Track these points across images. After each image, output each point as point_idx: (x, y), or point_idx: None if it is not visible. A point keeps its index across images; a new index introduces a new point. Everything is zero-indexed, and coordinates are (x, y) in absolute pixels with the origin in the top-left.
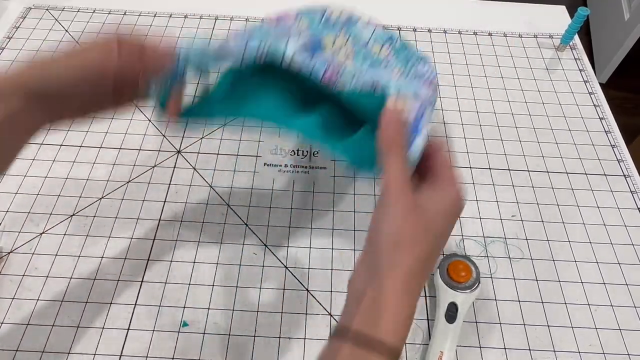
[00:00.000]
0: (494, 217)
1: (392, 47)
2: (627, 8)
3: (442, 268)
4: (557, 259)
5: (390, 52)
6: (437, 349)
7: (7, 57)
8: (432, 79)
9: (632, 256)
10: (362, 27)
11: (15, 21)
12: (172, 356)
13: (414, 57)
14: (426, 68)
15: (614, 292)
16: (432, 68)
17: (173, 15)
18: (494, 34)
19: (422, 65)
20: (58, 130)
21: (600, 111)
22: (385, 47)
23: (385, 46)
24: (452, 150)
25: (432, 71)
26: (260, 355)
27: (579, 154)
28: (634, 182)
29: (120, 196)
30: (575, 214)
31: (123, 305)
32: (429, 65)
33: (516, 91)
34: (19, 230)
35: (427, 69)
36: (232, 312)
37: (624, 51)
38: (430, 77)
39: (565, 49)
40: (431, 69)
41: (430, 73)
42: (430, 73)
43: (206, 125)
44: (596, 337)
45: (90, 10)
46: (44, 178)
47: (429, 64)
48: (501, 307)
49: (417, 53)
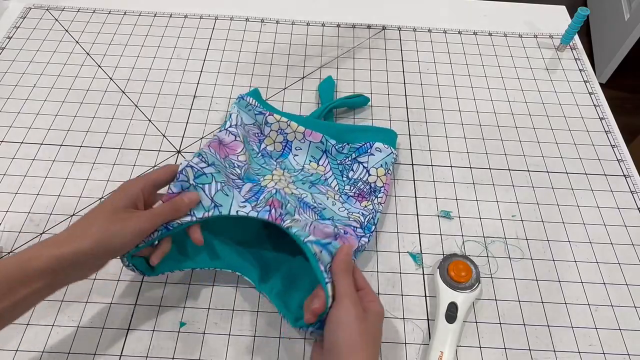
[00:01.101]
0: (494, 217)
1: (328, 159)
2: (627, 8)
3: (442, 268)
4: (557, 259)
5: (327, 165)
6: (437, 349)
7: (7, 57)
8: (367, 181)
9: (632, 256)
10: (294, 153)
11: (15, 21)
12: (172, 356)
13: (351, 158)
14: (365, 166)
15: (614, 292)
16: (381, 155)
17: (173, 15)
18: (494, 34)
19: (361, 168)
20: (58, 130)
21: (600, 111)
22: (322, 160)
23: (321, 160)
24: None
25: (378, 161)
26: (260, 355)
27: (579, 154)
28: (634, 182)
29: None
30: (575, 214)
31: (123, 305)
32: (373, 154)
33: (516, 91)
34: (19, 230)
35: (366, 165)
36: (232, 312)
37: (624, 51)
38: (365, 176)
39: (565, 49)
40: (376, 160)
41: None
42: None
43: (206, 125)
44: (596, 337)
45: (90, 10)
46: (44, 178)
47: (371, 154)
48: (501, 307)
49: (355, 145)
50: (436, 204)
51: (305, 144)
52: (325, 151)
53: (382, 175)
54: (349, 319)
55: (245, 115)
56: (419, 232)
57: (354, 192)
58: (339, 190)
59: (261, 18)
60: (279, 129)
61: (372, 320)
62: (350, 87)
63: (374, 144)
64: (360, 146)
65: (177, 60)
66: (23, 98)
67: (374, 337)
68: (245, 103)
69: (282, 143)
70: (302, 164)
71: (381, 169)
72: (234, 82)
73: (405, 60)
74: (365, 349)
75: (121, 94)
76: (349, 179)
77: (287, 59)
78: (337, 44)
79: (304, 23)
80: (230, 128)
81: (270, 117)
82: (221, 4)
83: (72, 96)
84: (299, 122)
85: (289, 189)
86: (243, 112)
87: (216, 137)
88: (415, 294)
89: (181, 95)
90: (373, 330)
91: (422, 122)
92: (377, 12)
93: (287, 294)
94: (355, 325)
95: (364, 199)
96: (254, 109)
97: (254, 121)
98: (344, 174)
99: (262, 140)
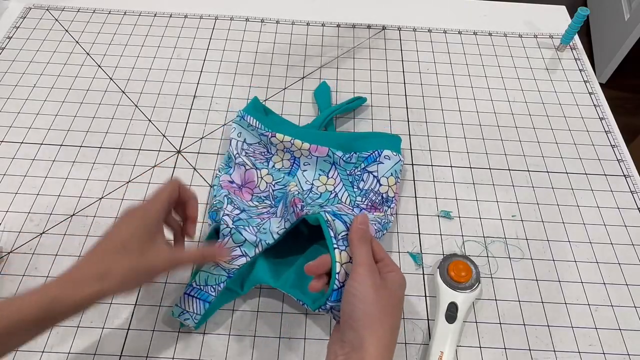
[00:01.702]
0: (494, 217)
1: (337, 171)
2: (627, 8)
3: (442, 268)
4: (557, 259)
5: (337, 177)
6: (437, 349)
7: (7, 57)
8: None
9: (632, 256)
10: (303, 168)
11: (15, 21)
12: (172, 356)
13: (360, 168)
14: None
15: (614, 292)
16: (389, 164)
17: (173, 15)
18: (494, 34)
19: (372, 178)
20: (58, 130)
21: (600, 111)
22: (331, 172)
23: (331, 172)
24: (451, 151)
25: (387, 170)
26: (260, 355)
27: (579, 154)
28: (634, 182)
29: (120, 196)
30: (575, 214)
31: (123, 305)
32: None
33: (516, 91)
34: (19, 230)
35: (375, 178)
36: (232, 312)
37: (624, 51)
38: (377, 188)
39: (565, 49)
40: (385, 169)
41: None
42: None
43: (206, 125)
44: (596, 337)
45: (90, 10)
46: (44, 178)
47: (380, 162)
48: (501, 307)
49: (364, 154)
50: (436, 204)
51: (312, 159)
52: (333, 163)
53: (393, 185)
54: (365, 288)
55: (249, 135)
56: (419, 232)
57: (367, 204)
58: (351, 203)
59: (261, 18)
60: (285, 148)
61: (391, 288)
62: (350, 87)
63: (382, 151)
64: (368, 155)
65: (177, 60)
66: (23, 98)
67: (392, 306)
68: (246, 123)
69: (290, 160)
70: (312, 179)
71: (392, 177)
72: (234, 82)
73: (405, 60)
74: (382, 320)
75: (121, 94)
76: (360, 190)
77: (287, 59)
78: (337, 44)
79: (304, 23)
80: (237, 159)
81: (274, 139)
82: (221, 4)
83: (72, 96)
84: (302, 138)
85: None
86: (246, 131)
87: (232, 181)
88: (415, 294)
89: (181, 95)
90: (392, 299)
91: (422, 122)
92: (377, 12)
93: (302, 282)
94: (372, 295)
95: (376, 209)
96: (256, 130)
97: (259, 140)
98: (355, 185)
99: (269, 158)
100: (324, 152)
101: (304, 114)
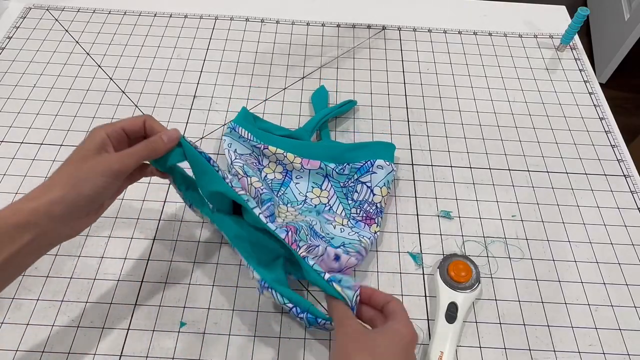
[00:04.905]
0: (494, 217)
1: (331, 183)
2: (627, 8)
3: (442, 268)
4: (557, 259)
5: (330, 189)
6: (437, 349)
7: (7, 57)
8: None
9: (632, 256)
10: (295, 181)
11: (15, 21)
12: (172, 356)
13: (353, 179)
14: (369, 186)
15: (614, 292)
16: (382, 173)
17: (173, 15)
18: (494, 34)
19: (365, 188)
20: (58, 130)
21: (600, 111)
22: (324, 185)
23: (324, 184)
24: (452, 160)
25: (379, 178)
26: (260, 355)
27: (579, 154)
28: (634, 182)
29: (120, 196)
30: (575, 214)
31: (123, 305)
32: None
33: (516, 91)
34: None
35: (369, 185)
36: (232, 312)
37: (624, 51)
38: (370, 198)
39: (565, 49)
40: (377, 178)
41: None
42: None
43: (206, 125)
44: (596, 337)
45: (90, 10)
46: (44, 178)
47: (374, 172)
48: (501, 307)
49: (356, 165)
50: (436, 204)
51: (304, 172)
52: (326, 175)
53: (386, 195)
54: (340, 336)
55: (240, 146)
56: (419, 232)
57: (362, 216)
58: (346, 215)
59: (261, 18)
60: (277, 160)
61: (387, 341)
62: (350, 87)
63: (375, 161)
64: (361, 165)
65: (177, 60)
66: (23, 98)
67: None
68: (237, 135)
69: (282, 173)
70: (305, 192)
71: (384, 188)
72: (234, 82)
73: (405, 60)
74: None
75: (121, 94)
76: (354, 201)
77: (287, 59)
78: (337, 44)
79: (304, 23)
80: (232, 170)
81: (266, 150)
82: (221, 4)
83: (72, 96)
84: (294, 150)
85: (297, 219)
86: (237, 142)
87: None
88: (415, 294)
89: (181, 95)
90: (379, 351)
91: (422, 122)
92: (377, 12)
93: (258, 254)
94: (351, 341)
95: (373, 221)
96: (248, 141)
97: (251, 151)
98: (349, 197)
99: (261, 169)
100: (316, 165)
101: (304, 114)
